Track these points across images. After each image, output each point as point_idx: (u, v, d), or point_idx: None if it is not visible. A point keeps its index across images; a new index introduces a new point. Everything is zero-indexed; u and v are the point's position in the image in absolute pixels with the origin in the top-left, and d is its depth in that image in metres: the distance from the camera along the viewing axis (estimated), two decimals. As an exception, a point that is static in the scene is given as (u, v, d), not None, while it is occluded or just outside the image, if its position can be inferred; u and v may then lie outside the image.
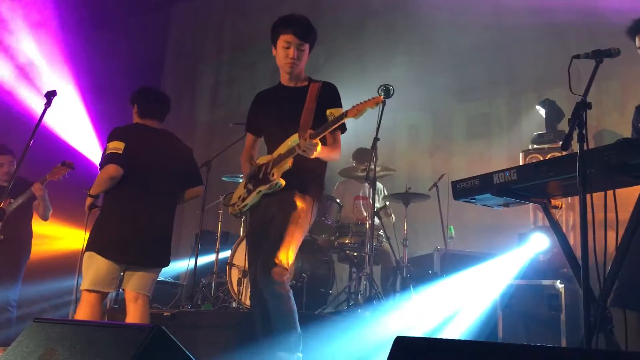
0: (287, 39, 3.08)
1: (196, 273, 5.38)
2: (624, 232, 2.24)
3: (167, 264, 3.65)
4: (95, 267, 3.42)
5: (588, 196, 2.10)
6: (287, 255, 2.88)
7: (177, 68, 9.48)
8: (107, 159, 3.52)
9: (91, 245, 3.48)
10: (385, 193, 5.85)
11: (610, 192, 2.16)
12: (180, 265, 6.07)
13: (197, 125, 8.85)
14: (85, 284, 3.43)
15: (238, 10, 8.81)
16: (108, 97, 7.51)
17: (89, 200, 3.62)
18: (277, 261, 2.83)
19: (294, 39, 3.07)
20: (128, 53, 8.14)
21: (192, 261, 5.46)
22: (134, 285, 3.51)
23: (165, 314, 4.58)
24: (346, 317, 4.30)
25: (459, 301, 4.30)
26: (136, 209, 3.52)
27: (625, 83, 5.58)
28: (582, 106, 2.16)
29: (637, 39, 2.77)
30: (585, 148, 2.10)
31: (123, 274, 3.53)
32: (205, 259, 5.91)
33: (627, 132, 3.89)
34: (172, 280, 6.12)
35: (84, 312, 3.36)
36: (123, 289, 3.56)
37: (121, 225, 3.49)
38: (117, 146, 3.52)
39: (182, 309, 5.01)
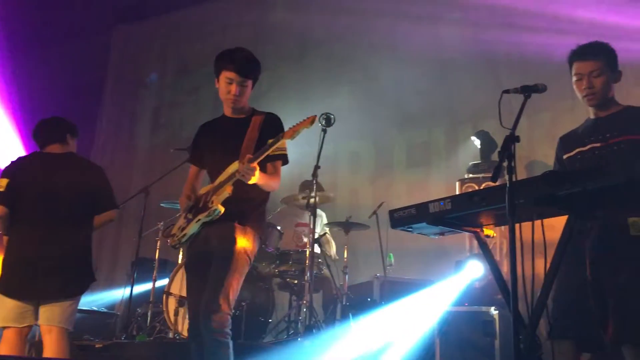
0: (229, 76, 3.05)
1: (132, 302, 5.22)
2: (552, 259, 2.31)
3: (75, 294, 3.55)
4: (2, 305, 3.44)
5: (517, 225, 2.17)
6: (229, 299, 2.83)
7: (118, 92, 9.29)
8: None
9: None
10: (326, 220, 5.87)
11: (537, 222, 2.24)
12: (115, 294, 5.87)
13: (137, 150, 8.66)
14: None
15: (181, 36, 8.75)
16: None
17: None
18: (217, 307, 2.78)
19: (236, 77, 3.04)
20: (68, 75, 7.94)
21: (128, 290, 5.30)
22: (45, 317, 3.46)
23: (97, 345, 4.41)
24: (286, 347, 4.25)
25: (398, 328, 4.32)
26: (27, 243, 3.48)
27: (555, 115, 5.82)
28: (511, 139, 2.25)
29: (572, 68, 2.90)
30: (514, 179, 2.18)
31: (39, 307, 3.47)
32: (141, 288, 5.72)
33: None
34: (106, 310, 5.90)
35: (2, 348, 3.42)
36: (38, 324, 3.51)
37: (15, 262, 3.47)
38: (0, 184, 3.52)
39: (115, 340, 4.84)
